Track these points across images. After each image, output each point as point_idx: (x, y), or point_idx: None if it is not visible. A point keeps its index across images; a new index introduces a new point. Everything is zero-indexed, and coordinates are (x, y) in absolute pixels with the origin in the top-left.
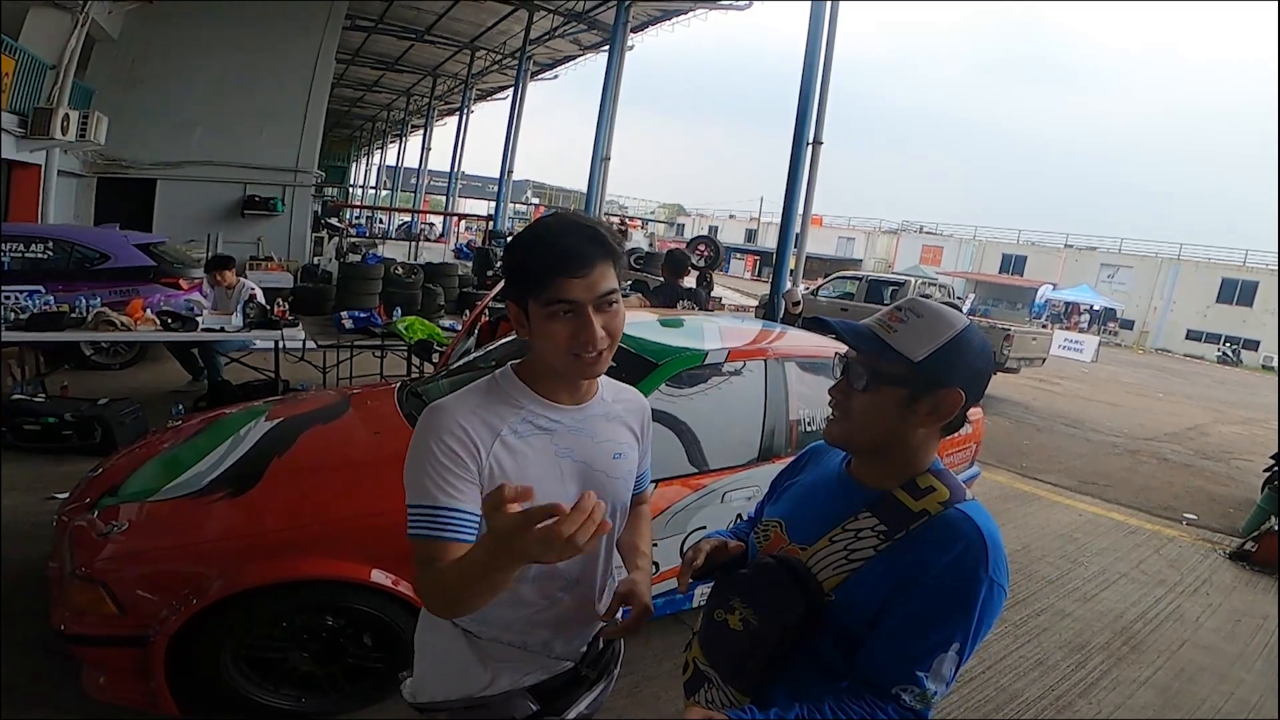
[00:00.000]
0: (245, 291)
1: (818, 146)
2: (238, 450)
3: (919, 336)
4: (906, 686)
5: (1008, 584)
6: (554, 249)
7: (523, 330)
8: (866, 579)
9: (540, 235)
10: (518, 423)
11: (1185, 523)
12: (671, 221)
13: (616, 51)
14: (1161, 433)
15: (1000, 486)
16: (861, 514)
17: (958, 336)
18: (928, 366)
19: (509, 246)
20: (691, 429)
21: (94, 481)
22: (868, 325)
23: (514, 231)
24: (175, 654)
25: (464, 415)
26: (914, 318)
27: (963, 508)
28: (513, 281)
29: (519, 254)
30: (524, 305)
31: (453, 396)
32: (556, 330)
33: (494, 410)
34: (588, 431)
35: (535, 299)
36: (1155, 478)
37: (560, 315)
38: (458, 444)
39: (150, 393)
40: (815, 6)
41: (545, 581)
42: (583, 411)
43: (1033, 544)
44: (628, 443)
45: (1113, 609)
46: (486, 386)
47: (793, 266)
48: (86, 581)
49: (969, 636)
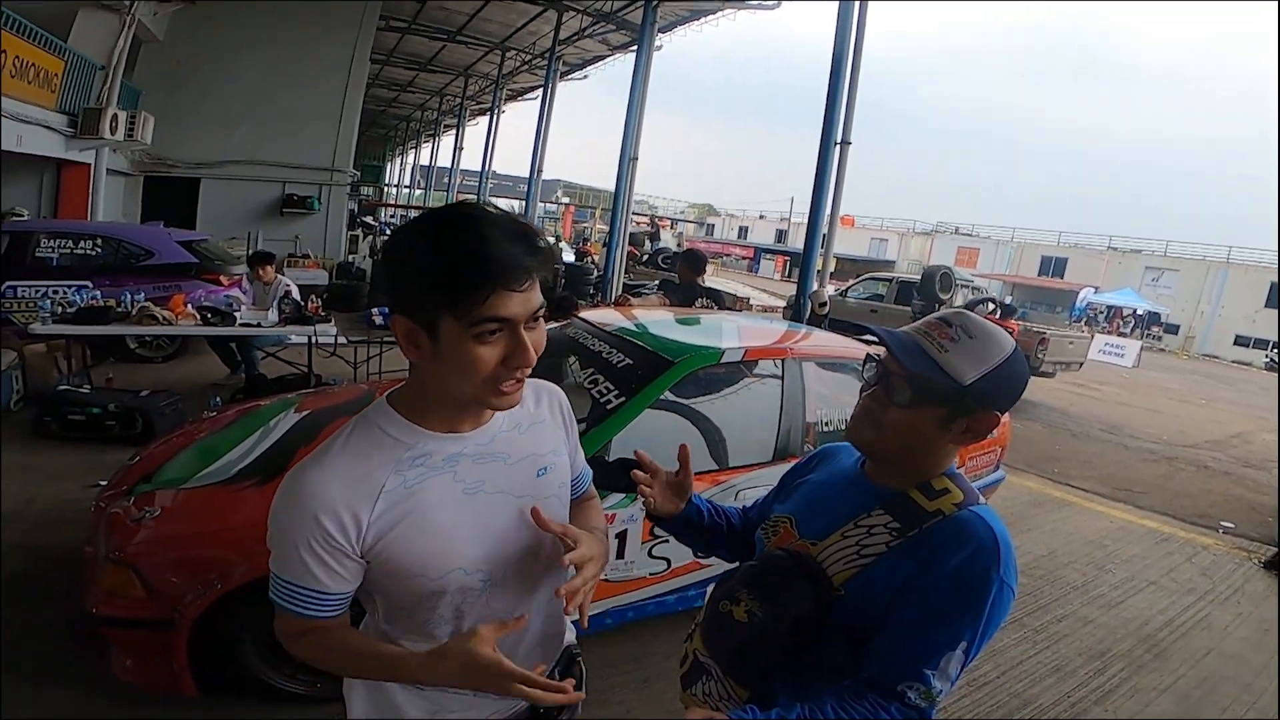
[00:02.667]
0: (281, 288)
1: (846, 147)
2: (267, 440)
3: (971, 358)
4: (913, 684)
5: (1017, 586)
6: (490, 256)
7: (417, 353)
8: (877, 575)
9: (468, 237)
10: (405, 468)
11: (1222, 531)
12: (701, 221)
13: (645, 51)
14: (1202, 440)
15: (1030, 492)
16: (875, 511)
17: (1007, 360)
18: (974, 390)
19: (402, 245)
20: (705, 427)
21: (131, 469)
22: (915, 341)
23: (543, 231)
24: (197, 637)
25: (331, 484)
26: (965, 337)
27: (976, 510)
28: (417, 292)
29: (433, 257)
30: (429, 323)
31: (315, 459)
32: (482, 354)
33: (369, 462)
34: (498, 455)
35: (455, 315)
36: (1192, 485)
37: (489, 336)
38: (330, 521)
39: (190, 385)
40: (844, 6)
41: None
42: (487, 431)
43: (1060, 550)
44: (552, 449)
45: (1138, 616)
46: (355, 433)
47: (820, 267)
48: (118, 565)
49: (977, 636)
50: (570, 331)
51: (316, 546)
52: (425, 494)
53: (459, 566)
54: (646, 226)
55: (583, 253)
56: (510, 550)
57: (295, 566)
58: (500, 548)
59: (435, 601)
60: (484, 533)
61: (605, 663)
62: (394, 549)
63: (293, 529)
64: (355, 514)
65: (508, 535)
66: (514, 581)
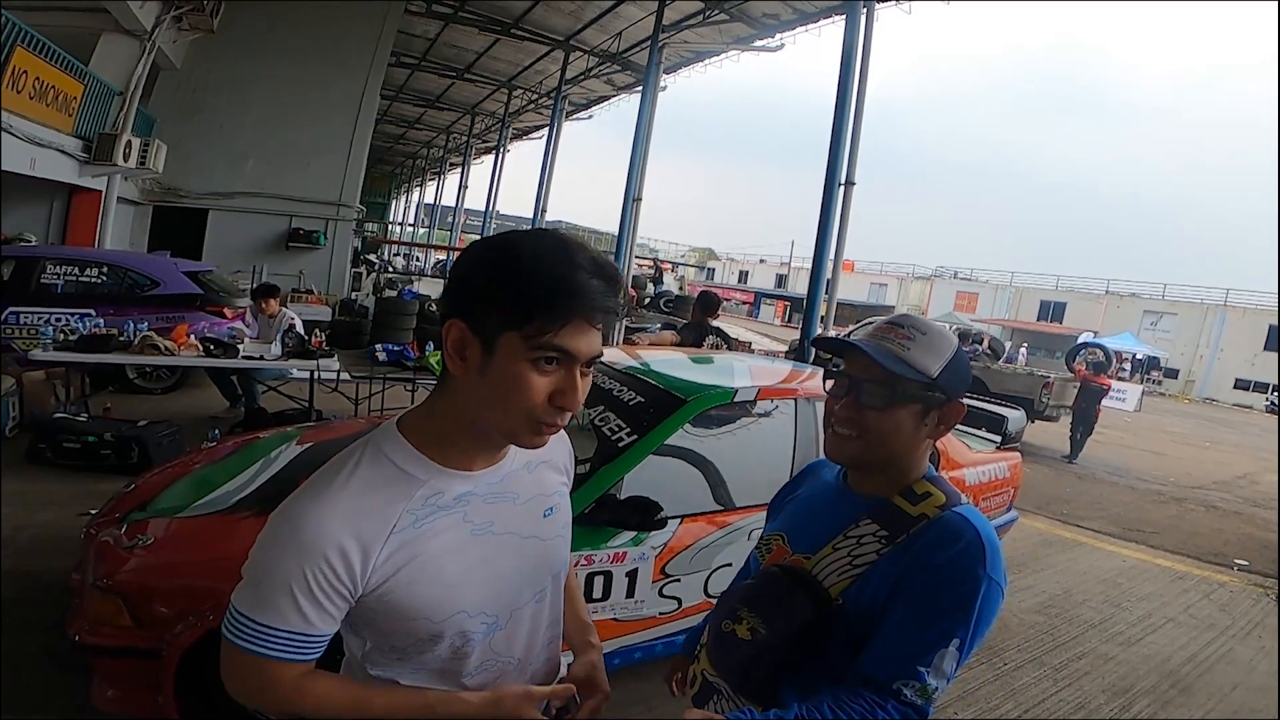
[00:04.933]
0: (285, 321)
1: (850, 187)
2: (267, 471)
3: (931, 352)
4: (908, 681)
5: (1005, 584)
6: (576, 282)
7: (461, 366)
8: (871, 582)
9: (558, 257)
10: (417, 507)
11: (1236, 568)
12: (702, 265)
13: (650, 92)
14: (1209, 481)
15: (1040, 533)
16: (863, 521)
17: (958, 350)
18: (941, 382)
19: (483, 253)
20: (718, 466)
21: (125, 497)
22: (879, 344)
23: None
24: (186, 669)
25: (339, 519)
26: (920, 334)
27: (960, 510)
28: (484, 300)
29: (517, 270)
30: (490, 333)
31: (319, 490)
32: (534, 382)
33: (382, 497)
34: (507, 495)
35: (521, 333)
36: (1203, 524)
37: (546, 365)
38: (337, 559)
39: (189, 417)
40: (847, 44)
41: (485, 673)
42: (498, 470)
43: (1074, 588)
44: (558, 490)
45: (1159, 653)
46: (364, 463)
47: (824, 312)
48: (106, 593)
49: (969, 633)
50: None
51: (314, 585)
52: (434, 535)
53: (462, 610)
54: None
55: None
56: (514, 591)
57: (281, 607)
58: (505, 589)
59: (434, 644)
60: (490, 575)
61: (612, 705)
62: (397, 593)
63: (287, 564)
64: (363, 552)
65: (513, 576)
66: (517, 622)
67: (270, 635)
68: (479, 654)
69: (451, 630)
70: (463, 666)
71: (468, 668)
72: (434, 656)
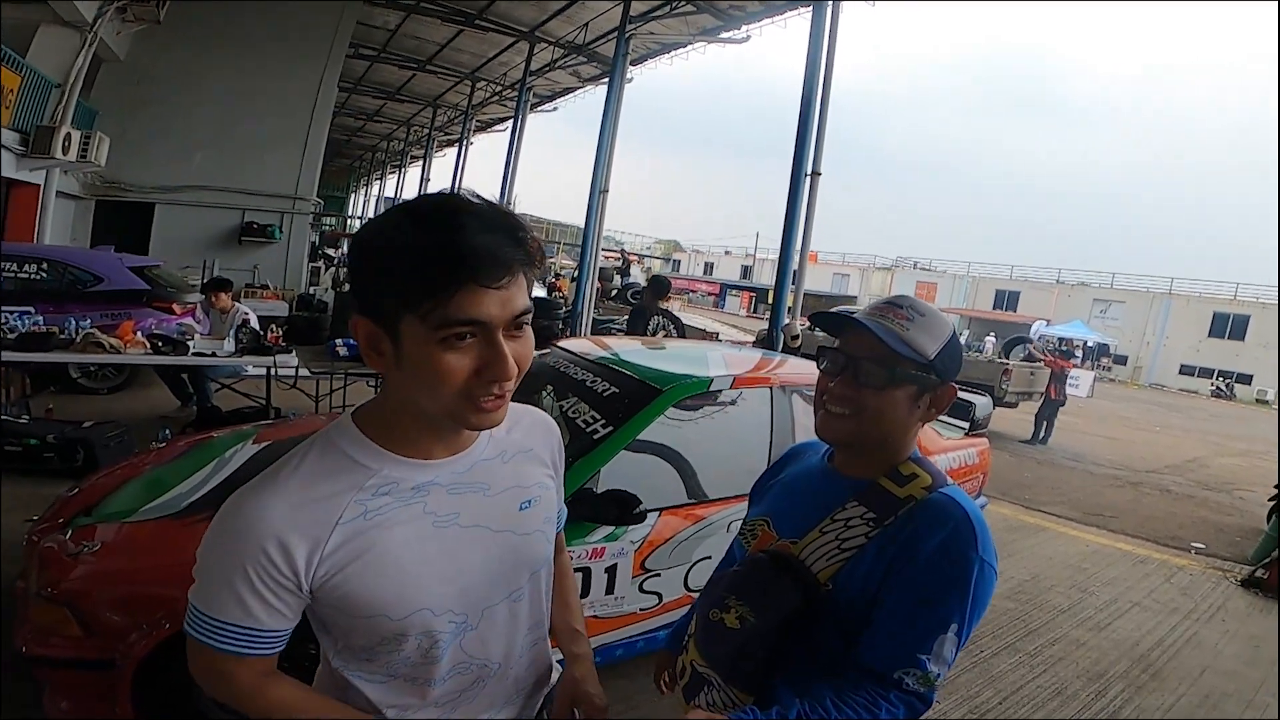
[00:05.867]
0: (239, 316)
1: (816, 178)
2: (222, 473)
3: (929, 334)
4: (909, 670)
5: (997, 565)
6: (459, 246)
7: (380, 362)
8: (861, 566)
9: (437, 225)
10: (368, 497)
11: (1194, 551)
12: (667, 257)
13: (616, 84)
14: (1162, 465)
15: (1005, 519)
16: (850, 503)
17: (954, 334)
18: (937, 364)
19: (368, 236)
20: (694, 458)
21: (69, 501)
22: (879, 323)
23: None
24: (143, 679)
25: (280, 510)
26: (919, 315)
27: (947, 491)
28: (376, 289)
29: (397, 248)
30: (391, 325)
31: (265, 481)
32: (451, 363)
33: (327, 487)
34: (476, 485)
35: (419, 315)
36: (1159, 508)
37: (457, 341)
38: (276, 551)
39: (138, 417)
40: (814, 36)
41: (459, 677)
42: (467, 458)
43: (1042, 574)
44: (538, 483)
45: (1129, 637)
46: (313, 454)
47: (791, 302)
48: (51, 602)
49: (965, 617)
50: (550, 360)
51: (256, 579)
52: (388, 526)
53: (425, 607)
54: (616, 261)
55: (553, 287)
56: (486, 589)
57: (225, 601)
58: (476, 586)
59: (399, 643)
60: (456, 570)
61: None
62: (349, 586)
63: (229, 558)
64: (306, 544)
65: (482, 572)
66: (489, 622)
67: (221, 629)
68: (450, 656)
69: (415, 629)
70: (433, 671)
71: (439, 672)
72: (401, 658)
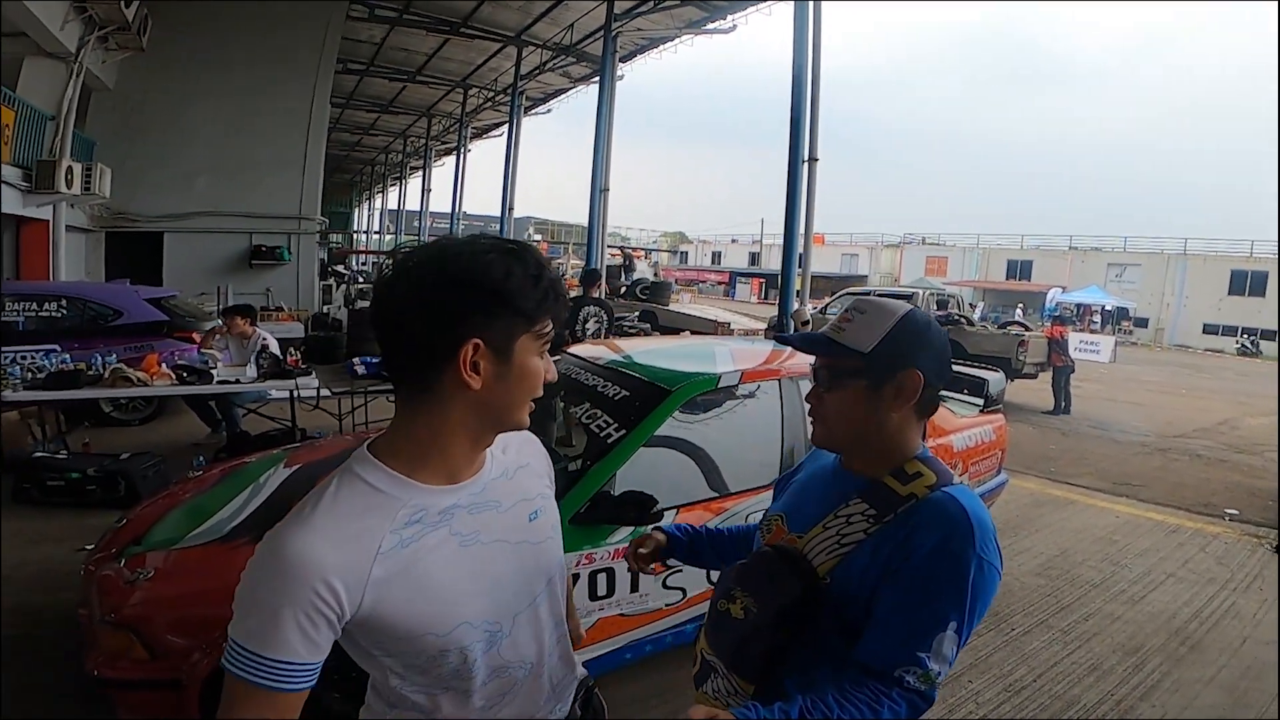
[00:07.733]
0: (259, 342)
1: (814, 164)
2: (258, 497)
3: (865, 330)
4: (909, 668)
5: (1000, 563)
6: (543, 270)
7: (474, 380)
8: (858, 561)
9: (524, 260)
10: (400, 526)
11: (1227, 519)
12: (674, 250)
13: (607, 82)
14: (1190, 429)
15: (1031, 493)
16: (853, 500)
17: (900, 322)
18: (878, 355)
19: (469, 272)
20: (709, 453)
21: (119, 532)
22: (822, 333)
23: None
24: (211, 696)
25: (322, 549)
26: (859, 315)
27: (949, 490)
28: (487, 313)
29: (512, 281)
30: (505, 343)
31: (299, 521)
32: (542, 368)
33: (361, 522)
34: (490, 503)
35: (534, 332)
36: (1189, 475)
37: (544, 349)
38: (325, 590)
39: (171, 446)
40: (798, 23)
41: (496, 682)
42: (479, 480)
43: (1072, 548)
44: (540, 494)
45: (1164, 609)
46: (341, 490)
47: (799, 286)
48: (116, 627)
49: (964, 615)
50: (561, 367)
51: (305, 618)
52: (422, 552)
53: (464, 620)
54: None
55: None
56: (514, 597)
57: (276, 639)
58: (505, 596)
59: (444, 657)
60: (486, 584)
61: (631, 699)
62: (394, 612)
63: (278, 598)
64: (351, 580)
65: (509, 582)
66: (521, 627)
67: (268, 665)
68: (485, 664)
69: (457, 643)
70: (475, 679)
71: (475, 681)
72: (448, 670)
